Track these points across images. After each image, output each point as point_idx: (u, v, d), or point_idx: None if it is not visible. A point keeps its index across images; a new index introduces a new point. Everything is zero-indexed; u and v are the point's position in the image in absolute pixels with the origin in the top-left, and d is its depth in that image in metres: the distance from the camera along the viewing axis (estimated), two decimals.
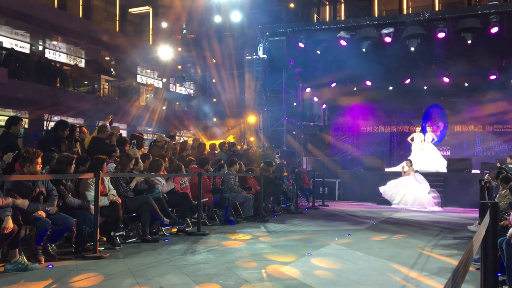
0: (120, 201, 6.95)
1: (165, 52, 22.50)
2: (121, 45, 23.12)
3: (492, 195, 9.05)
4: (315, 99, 20.63)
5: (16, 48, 20.15)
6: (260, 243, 7.52)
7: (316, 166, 17.42)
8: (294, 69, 18.30)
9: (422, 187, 14.10)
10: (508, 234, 4.64)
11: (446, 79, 17.65)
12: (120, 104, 22.39)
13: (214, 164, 10.93)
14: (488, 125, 19.10)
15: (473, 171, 15.10)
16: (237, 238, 7.97)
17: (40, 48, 21.81)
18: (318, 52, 16.54)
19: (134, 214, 7.39)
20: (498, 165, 11.86)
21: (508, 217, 5.29)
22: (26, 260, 5.34)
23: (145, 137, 17.57)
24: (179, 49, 23.04)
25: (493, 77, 16.72)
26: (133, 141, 9.54)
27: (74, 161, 6.54)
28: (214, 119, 22.19)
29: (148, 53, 23.08)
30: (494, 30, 14.12)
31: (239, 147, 14.21)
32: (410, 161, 14.70)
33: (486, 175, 9.88)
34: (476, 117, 19.42)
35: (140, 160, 8.11)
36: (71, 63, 23.14)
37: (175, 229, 8.27)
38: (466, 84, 17.85)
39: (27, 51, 21.06)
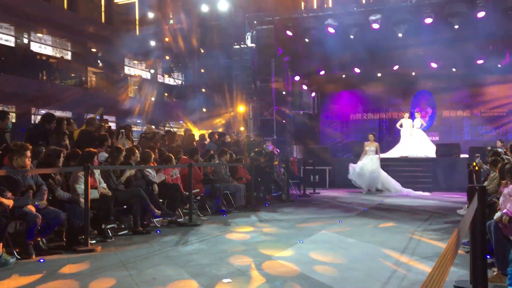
0: (111, 194, 6.92)
1: (152, 42, 22.29)
2: (107, 36, 22.82)
3: (480, 179, 9.15)
4: (304, 87, 20.63)
5: (1, 42, 19.83)
6: (252, 232, 7.55)
7: (306, 154, 17.46)
8: (282, 57, 18.26)
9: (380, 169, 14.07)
10: (495, 217, 4.70)
11: (434, 65, 17.74)
12: (108, 96, 22.18)
13: (204, 154, 10.92)
14: (476, 110, 19.25)
15: (462, 156, 15.25)
16: (228, 228, 7.99)
17: (26, 41, 21.48)
18: (307, 40, 16.49)
19: (125, 207, 7.37)
20: (489, 148, 11.96)
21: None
22: (7, 255, 5.30)
23: (134, 129, 17.50)
24: (166, 39, 22.81)
25: (480, 61, 16.84)
26: (121, 131, 9.50)
27: (62, 155, 6.50)
28: (204, 110, 22.10)
29: (135, 44, 22.82)
30: (481, 14, 14.18)
31: (229, 138, 14.18)
32: (374, 135, 14.58)
33: (478, 159, 9.95)
34: (464, 102, 19.57)
35: (136, 150, 8.07)
36: (57, 55, 22.84)
37: (167, 220, 8.26)
38: (454, 69, 17.95)
39: (12, 45, 20.73)
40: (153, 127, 11.60)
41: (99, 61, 24.61)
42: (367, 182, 13.98)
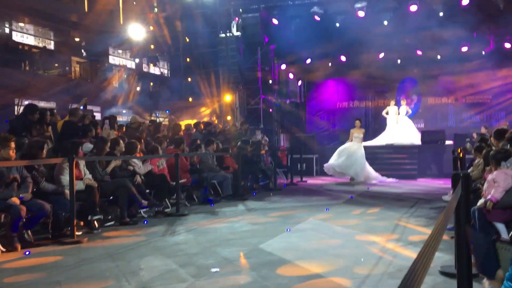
0: (96, 185, 6.86)
1: (137, 31, 22.01)
2: (91, 25, 22.49)
3: (465, 165, 9.25)
4: (291, 75, 20.60)
5: None
6: (239, 221, 7.55)
7: (293, 142, 17.48)
8: (268, 46, 18.17)
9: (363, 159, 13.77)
10: (479, 204, 4.75)
11: (419, 52, 17.80)
12: (92, 86, 21.94)
13: (190, 144, 10.88)
14: (460, 97, 19.44)
15: (447, 142, 15.39)
16: (216, 217, 7.98)
17: (7, 30, 21.08)
18: (292, 28, 16.42)
19: (111, 198, 7.32)
20: (475, 135, 12.08)
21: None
22: None
23: (120, 119, 17.33)
24: (151, 28, 22.55)
25: (464, 48, 16.94)
26: (105, 121, 9.42)
27: (46, 146, 6.42)
28: (190, 99, 21.97)
29: (119, 33, 22.54)
30: (465, 1, 14.25)
31: (216, 122, 14.13)
32: (360, 121, 14.31)
33: (468, 143, 10.04)
34: (448, 89, 19.73)
35: (120, 141, 8.00)
36: (40, 45, 22.47)
37: (154, 211, 8.23)
38: (439, 57, 18.05)
39: None
40: (138, 117, 11.48)
41: (83, 51, 24.28)
42: (349, 167, 13.62)
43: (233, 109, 18.61)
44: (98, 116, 16.11)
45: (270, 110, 18.76)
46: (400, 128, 16.49)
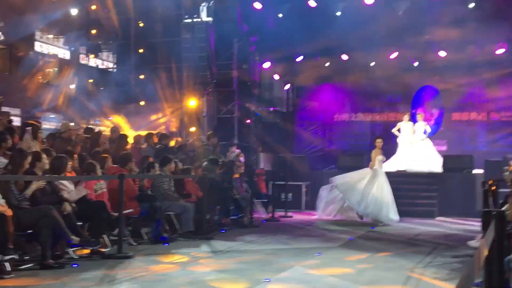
0: (11, 214, 6.73)
1: (74, 11, 21.94)
2: (13, 2, 22.36)
3: (498, 201, 9.39)
4: (276, 77, 20.71)
5: None
6: (202, 266, 7.53)
7: (276, 165, 17.51)
8: (248, 37, 18.29)
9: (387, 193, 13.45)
10: None
11: (442, 53, 18.07)
12: (11, 81, 21.68)
13: (139, 162, 10.82)
14: (494, 112, 19.67)
15: (475, 171, 15.57)
16: (171, 261, 7.95)
17: None
18: (280, 15, 16.58)
19: (30, 231, 7.19)
20: None
21: None
22: None
23: (47, 126, 17.15)
24: (94, 7, 22.52)
25: (501, 50, 17.24)
26: (26, 128, 9.33)
27: None
28: (142, 103, 21.90)
29: (50, 13, 22.44)
30: None
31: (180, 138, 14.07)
32: (382, 139, 14.10)
33: (506, 173, 10.17)
34: (479, 102, 19.96)
35: (44, 155, 7.91)
36: None
37: (89, 251, 8.12)
38: (468, 60, 18.32)
39: None
40: (71, 124, 11.41)
41: (0, 34, 24.06)
42: (381, 210, 13.14)
43: (199, 117, 18.62)
44: (17, 121, 15.90)
45: (248, 120, 18.81)
46: (416, 151, 16.57)
